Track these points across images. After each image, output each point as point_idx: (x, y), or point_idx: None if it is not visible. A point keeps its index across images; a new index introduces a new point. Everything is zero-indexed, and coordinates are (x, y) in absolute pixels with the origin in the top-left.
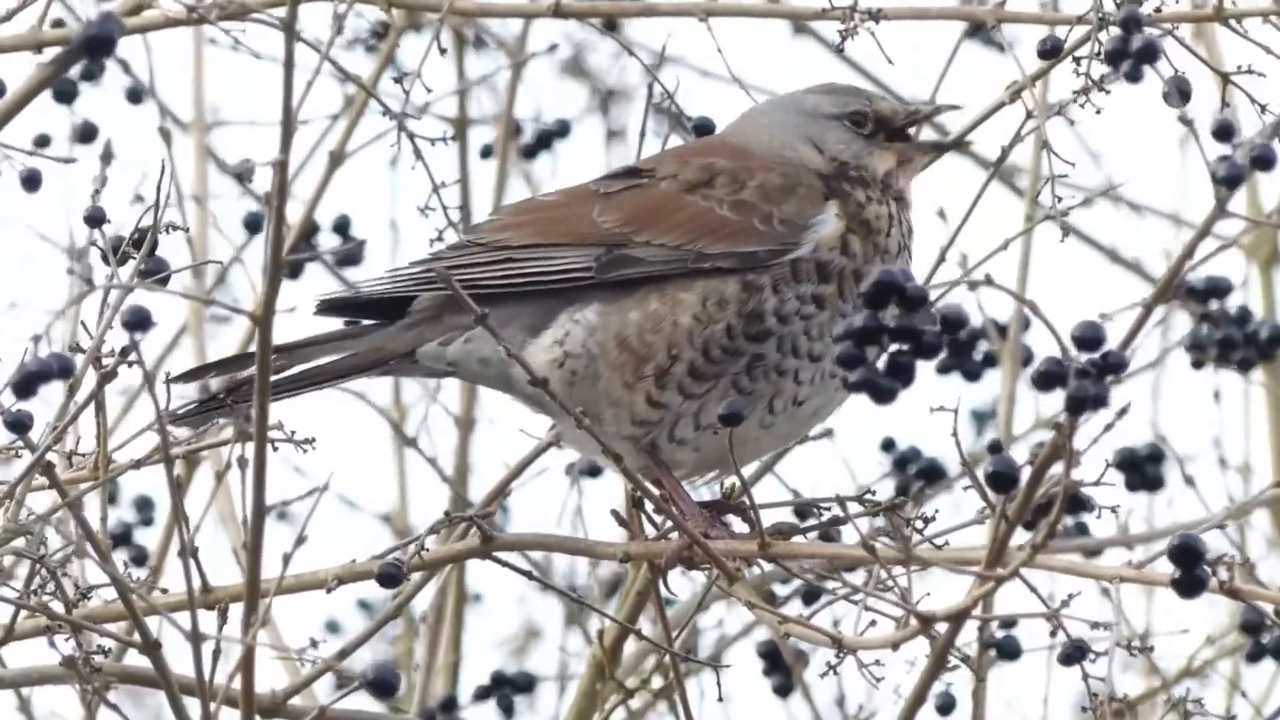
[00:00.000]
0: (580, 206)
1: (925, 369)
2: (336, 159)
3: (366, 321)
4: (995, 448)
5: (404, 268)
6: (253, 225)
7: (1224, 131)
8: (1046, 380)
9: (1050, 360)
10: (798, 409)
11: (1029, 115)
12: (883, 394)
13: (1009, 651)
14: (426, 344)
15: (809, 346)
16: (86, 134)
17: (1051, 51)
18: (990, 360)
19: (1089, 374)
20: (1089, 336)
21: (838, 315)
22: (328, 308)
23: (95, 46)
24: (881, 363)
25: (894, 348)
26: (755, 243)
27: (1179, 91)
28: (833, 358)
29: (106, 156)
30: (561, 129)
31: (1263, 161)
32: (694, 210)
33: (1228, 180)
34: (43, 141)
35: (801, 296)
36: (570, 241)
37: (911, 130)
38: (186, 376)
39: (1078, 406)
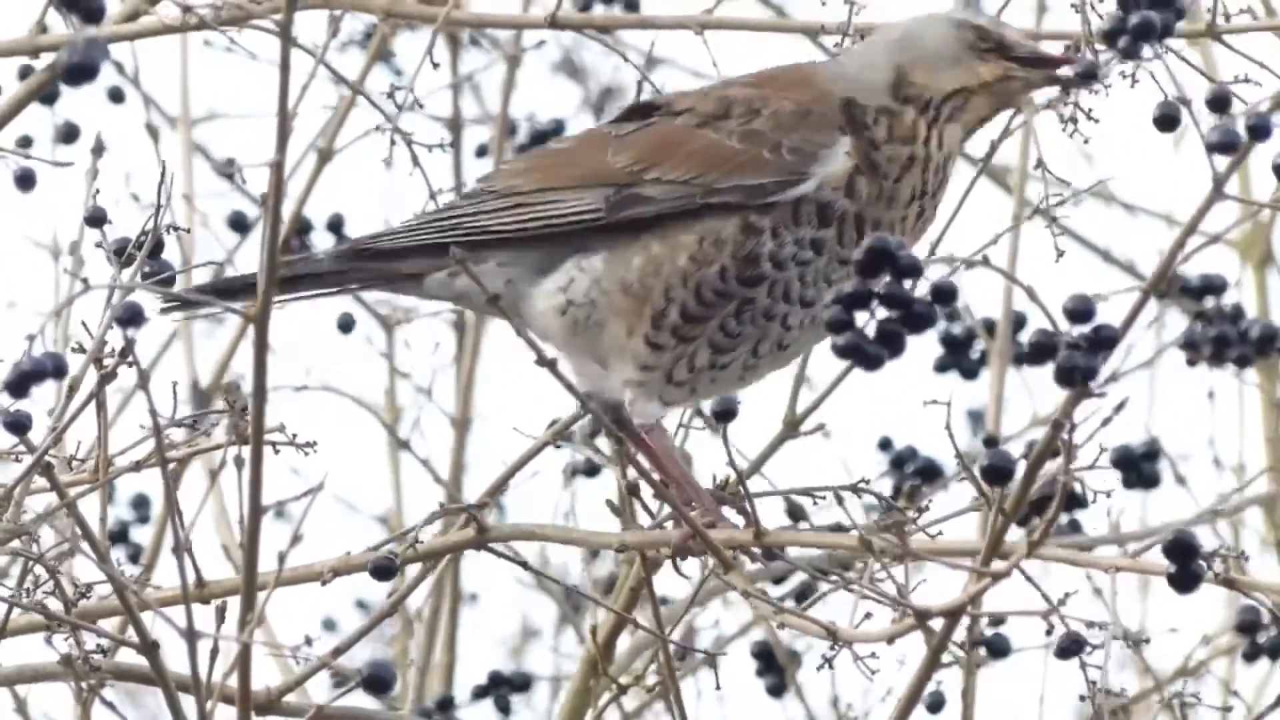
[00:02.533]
0: (592, 150)
1: (921, 367)
2: (325, 155)
3: None
4: (991, 442)
5: (424, 219)
6: (238, 225)
7: (1218, 102)
8: (1037, 352)
9: (1041, 332)
10: (781, 352)
11: (1016, 112)
12: (870, 360)
13: (998, 649)
14: (435, 272)
15: (802, 292)
16: (69, 135)
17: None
18: (986, 358)
19: (1079, 346)
20: (1080, 310)
21: (835, 261)
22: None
23: (77, 74)
24: (871, 330)
25: (883, 315)
26: (764, 174)
27: (1168, 117)
28: (824, 305)
29: (98, 149)
30: (556, 129)
31: (1259, 130)
32: (704, 143)
33: (1221, 147)
34: (26, 143)
35: (800, 241)
36: (580, 184)
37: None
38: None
39: (1067, 377)
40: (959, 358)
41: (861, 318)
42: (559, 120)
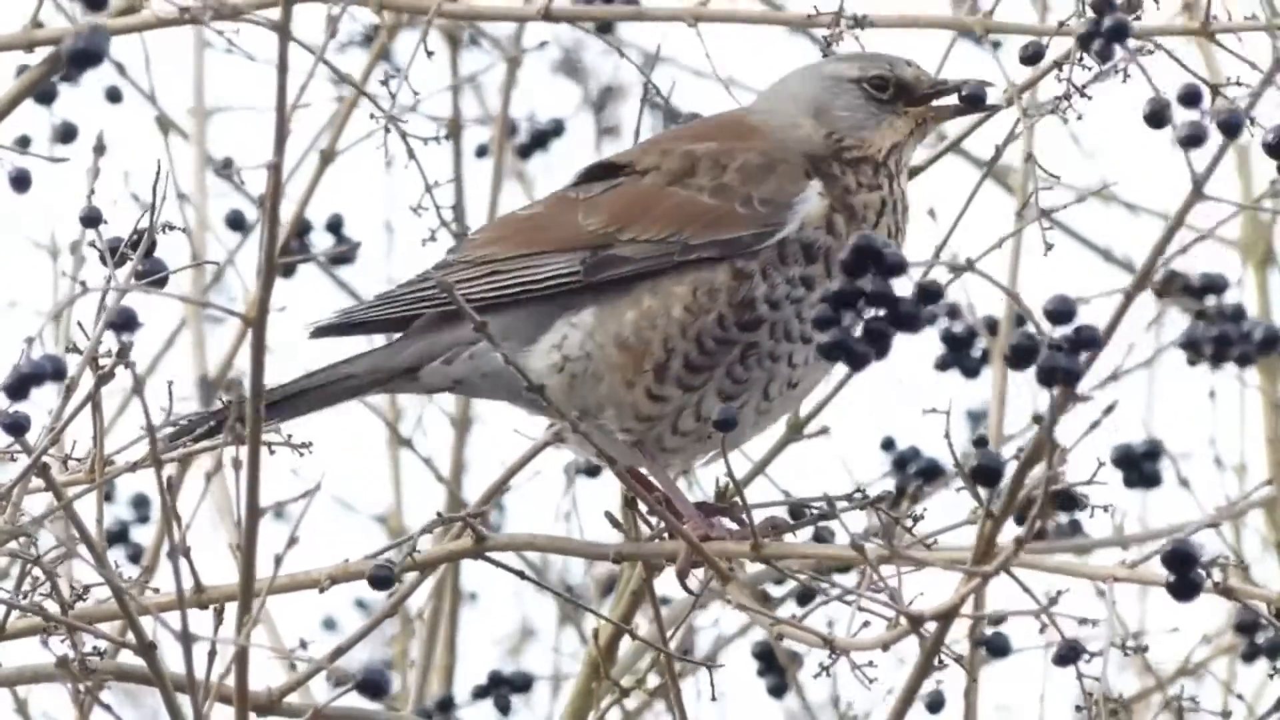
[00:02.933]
0: (562, 214)
1: (922, 366)
2: (327, 157)
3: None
4: (980, 442)
5: (396, 290)
6: (236, 223)
7: (1191, 98)
8: (1019, 355)
9: (1022, 334)
10: (792, 391)
11: (1023, 114)
12: (856, 358)
13: (998, 649)
14: (430, 363)
15: (802, 329)
16: (67, 134)
17: (1033, 57)
18: (988, 357)
19: (1060, 348)
20: (1061, 310)
21: None
22: (322, 332)
23: (83, 60)
24: (857, 329)
25: (870, 314)
26: (739, 228)
27: (1156, 114)
28: (811, 304)
29: (100, 149)
30: (556, 128)
31: (1229, 126)
32: (675, 201)
33: (1189, 140)
34: (24, 142)
35: (791, 280)
36: (555, 248)
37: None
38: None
39: (1048, 378)
40: (960, 356)
41: (848, 317)
42: (559, 120)
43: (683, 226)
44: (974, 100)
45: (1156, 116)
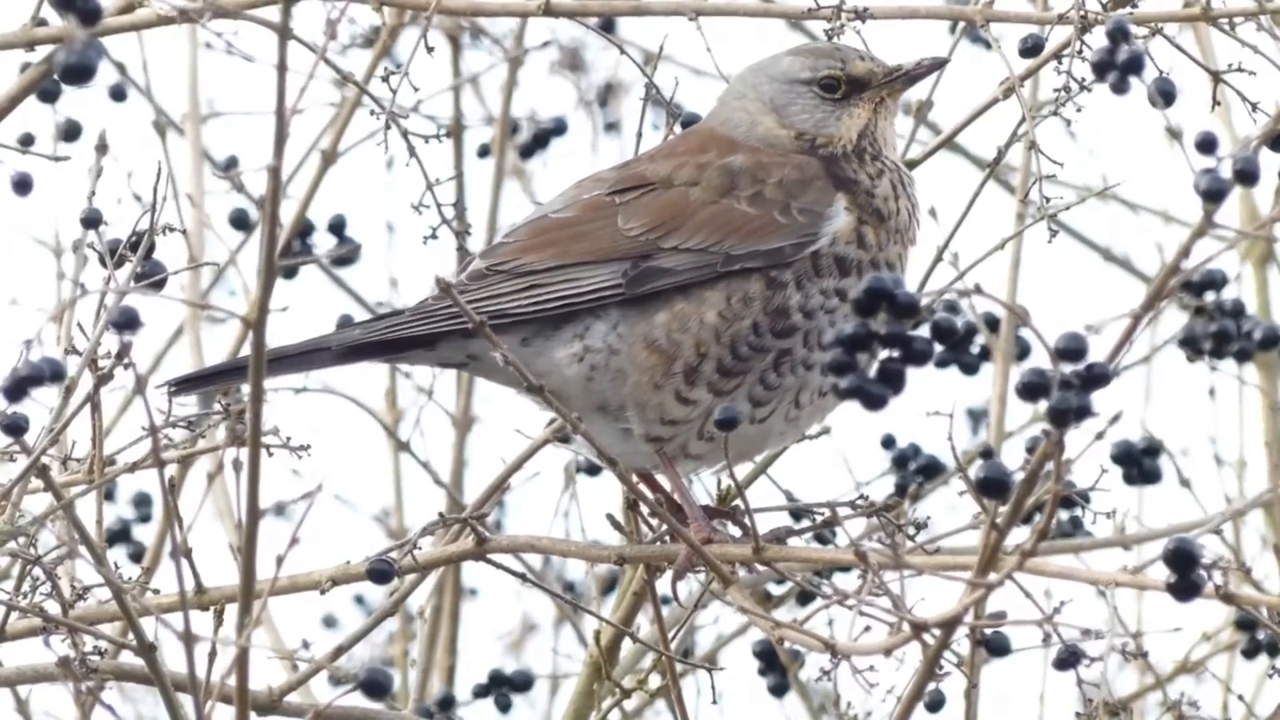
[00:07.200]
0: (600, 220)
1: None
2: (328, 158)
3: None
4: (986, 453)
5: (425, 304)
6: (239, 223)
7: (1207, 145)
8: (1030, 391)
9: (1034, 372)
10: (822, 400)
11: (1023, 119)
12: (873, 401)
13: (998, 648)
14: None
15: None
16: (71, 132)
17: (1033, 50)
18: (986, 354)
19: (1072, 385)
20: (1072, 348)
21: None
22: (347, 356)
23: (74, 75)
24: (872, 369)
25: (885, 354)
26: (779, 237)
27: (1162, 94)
28: (824, 346)
29: (102, 147)
30: (558, 127)
31: (1246, 176)
32: (716, 209)
33: (1210, 194)
34: (27, 140)
35: (825, 290)
36: (595, 259)
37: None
38: (183, 386)
39: (1060, 419)
40: (959, 354)
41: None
42: (560, 119)
43: (724, 236)
44: (930, 69)
45: (1161, 98)
